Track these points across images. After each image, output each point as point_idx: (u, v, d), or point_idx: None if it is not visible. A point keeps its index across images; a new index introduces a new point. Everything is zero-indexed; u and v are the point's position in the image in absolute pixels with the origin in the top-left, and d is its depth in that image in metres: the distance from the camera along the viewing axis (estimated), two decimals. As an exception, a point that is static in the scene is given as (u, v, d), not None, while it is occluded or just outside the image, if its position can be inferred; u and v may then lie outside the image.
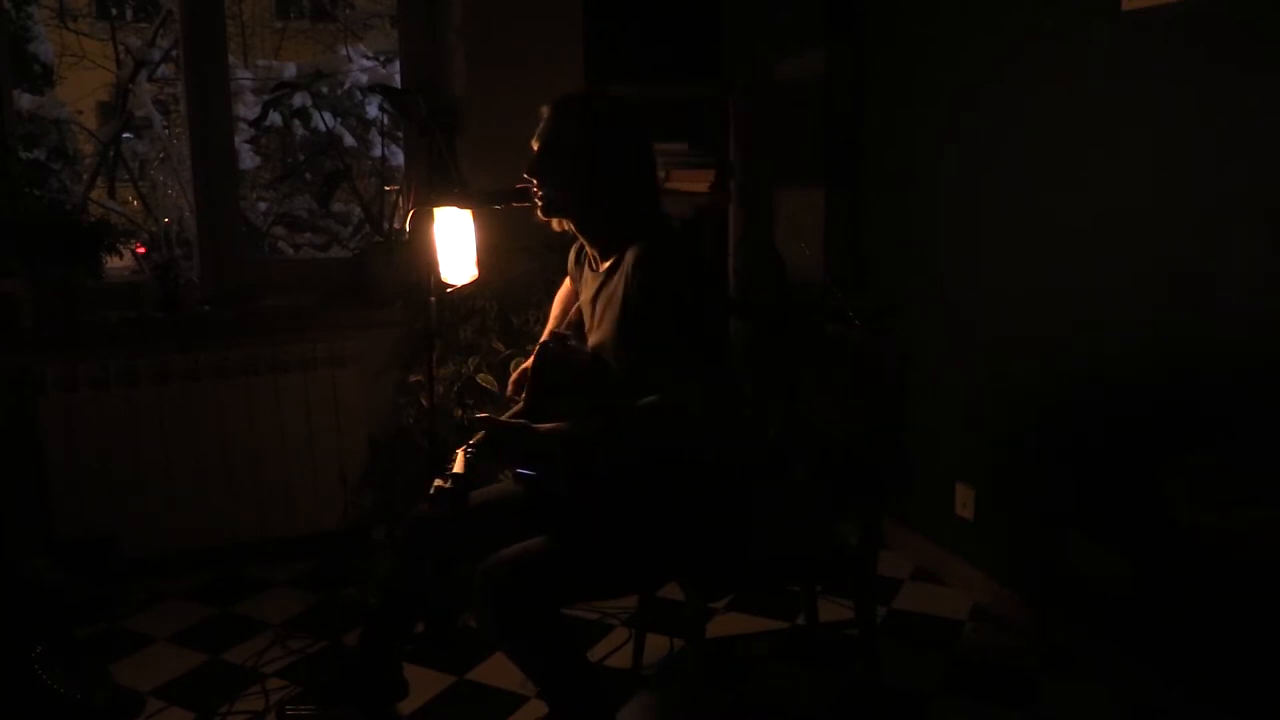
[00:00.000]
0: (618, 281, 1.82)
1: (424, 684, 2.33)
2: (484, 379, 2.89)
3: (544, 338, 2.07)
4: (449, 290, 2.52)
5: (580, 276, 2.07)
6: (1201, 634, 2.07)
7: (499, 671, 2.39)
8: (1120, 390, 2.26)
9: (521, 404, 1.93)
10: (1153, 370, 2.17)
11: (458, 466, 1.69)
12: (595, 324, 1.92)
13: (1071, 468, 2.42)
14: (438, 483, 1.67)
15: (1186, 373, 2.08)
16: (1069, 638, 2.43)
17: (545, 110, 1.89)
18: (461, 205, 2.38)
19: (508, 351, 2.91)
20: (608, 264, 1.90)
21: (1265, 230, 1.90)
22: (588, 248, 1.98)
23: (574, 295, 2.18)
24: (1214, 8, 1.96)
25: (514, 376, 2.10)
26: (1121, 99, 2.20)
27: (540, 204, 1.90)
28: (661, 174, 3.27)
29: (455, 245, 2.40)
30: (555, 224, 1.93)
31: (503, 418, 1.87)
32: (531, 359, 1.95)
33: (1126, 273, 2.22)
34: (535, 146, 1.89)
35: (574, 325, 2.14)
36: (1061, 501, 2.45)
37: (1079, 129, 2.31)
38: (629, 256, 1.80)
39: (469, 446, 1.73)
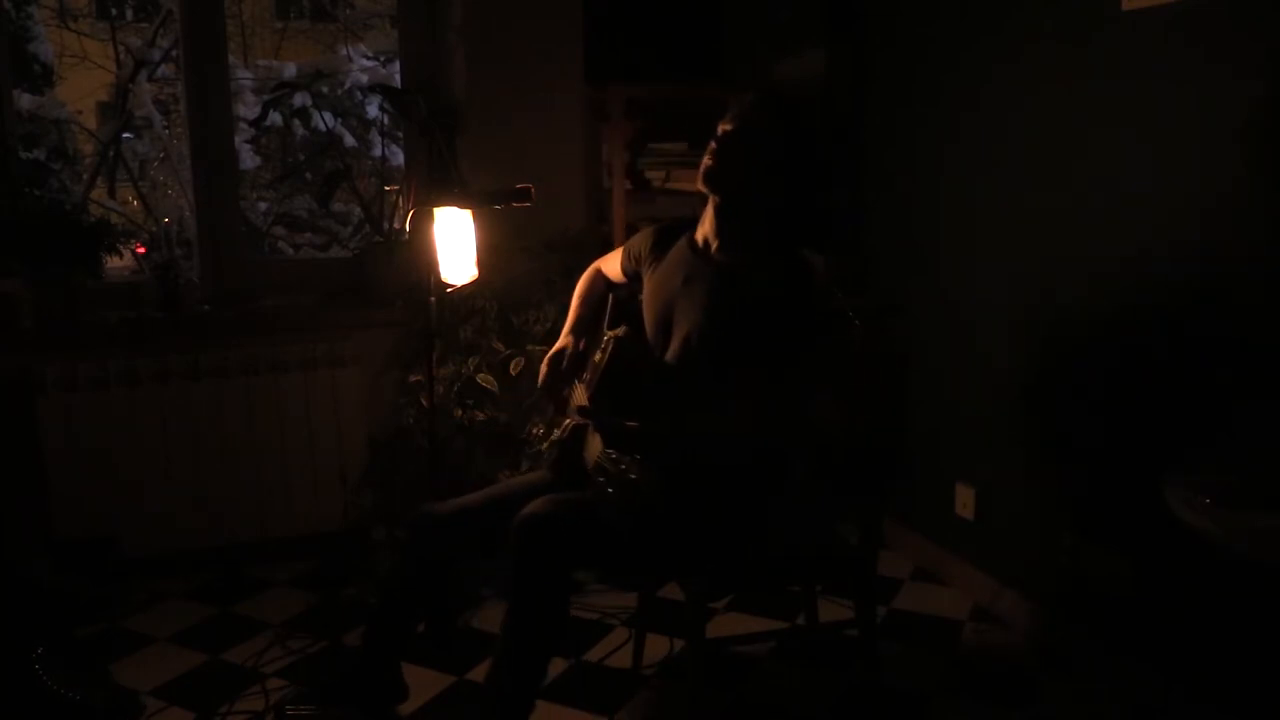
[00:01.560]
0: (753, 279, 1.88)
1: (424, 684, 2.33)
2: (484, 379, 2.89)
3: (617, 331, 2.03)
4: (449, 290, 2.52)
5: (658, 259, 2.08)
6: (1201, 634, 2.07)
7: (499, 671, 2.39)
8: (1120, 390, 2.26)
9: (586, 392, 1.94)
10: (1152, 370, 2.17)
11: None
12: (682, 308, 1.95)
13: (1071, 468, 2.42)
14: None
15: (1187, 372, 2.08)
16: (1069, 638, 2.43)
17: (752, 99, 1.93)
18: (461, 205, 2.38)
19: (508, 351, 2.91)
20: (726, 257, 1.94)
21: (1265, 231, 1.90)
22: (708, 233, 1.99)
23: (606, 285, 2.22)
24: (1214, 8, 1.96)
25: (545, 369, 2.10)
26: (1121, 99, 2.20)
27: (708, 169, 1.92)
28: (662, 174, 3.27)
29: (455, 245, 2.40)
30: (710, 199, 1.95)
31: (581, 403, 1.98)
32: (556, 347, 2.02)
33: (1126, 273, 2.22)
34: (729, 127, 1.91)
35: (614, 317, 2.16)
36: (1061, 501, 2.45)
37: (1079, 129, 2.31)
38: (787, 269, 1.88)
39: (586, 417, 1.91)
